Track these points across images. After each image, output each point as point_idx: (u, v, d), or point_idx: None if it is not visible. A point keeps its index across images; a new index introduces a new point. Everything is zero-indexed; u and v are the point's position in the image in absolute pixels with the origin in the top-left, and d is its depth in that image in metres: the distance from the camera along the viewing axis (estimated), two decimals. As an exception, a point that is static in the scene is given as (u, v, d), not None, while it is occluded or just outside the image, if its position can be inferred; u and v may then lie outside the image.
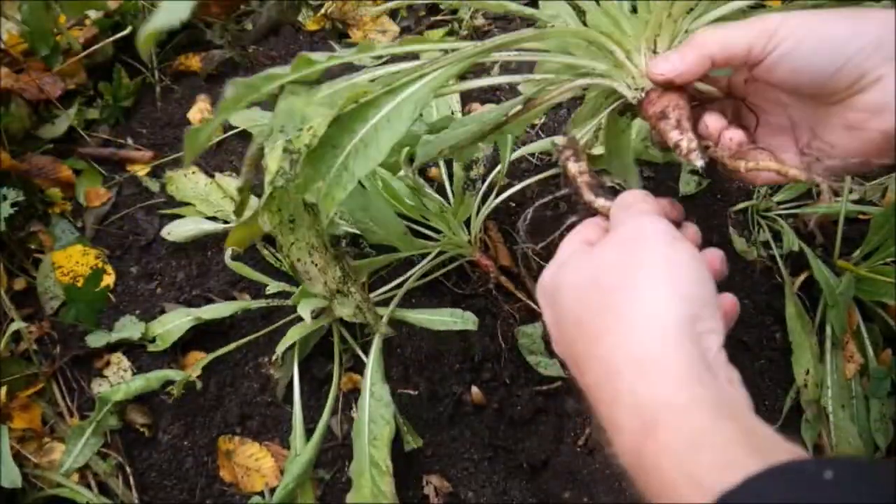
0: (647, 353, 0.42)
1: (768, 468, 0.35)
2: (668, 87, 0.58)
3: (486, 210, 1.03)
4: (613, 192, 0.58)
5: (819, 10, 0.53)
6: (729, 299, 0.50)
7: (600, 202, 0.58)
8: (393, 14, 1.48)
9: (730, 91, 0.61)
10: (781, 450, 0.37)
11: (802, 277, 1.08)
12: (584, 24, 0.68)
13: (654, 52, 0.61)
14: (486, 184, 1.06)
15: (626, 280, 0.46)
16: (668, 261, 0.46)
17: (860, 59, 0.49)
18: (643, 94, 0.60)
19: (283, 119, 0.61)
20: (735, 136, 0.56)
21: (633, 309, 0.44)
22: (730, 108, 0.61)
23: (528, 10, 0.72)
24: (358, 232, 0.97)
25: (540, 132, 1.22)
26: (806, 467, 0.35)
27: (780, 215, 1.14)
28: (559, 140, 0.63)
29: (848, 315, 1.02)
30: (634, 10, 0.66)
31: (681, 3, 0.61)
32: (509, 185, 1.07)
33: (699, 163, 0.55)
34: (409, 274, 1.00)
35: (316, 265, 0.71)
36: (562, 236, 0.60)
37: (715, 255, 0.51)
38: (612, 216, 0.55)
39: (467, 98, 1.27)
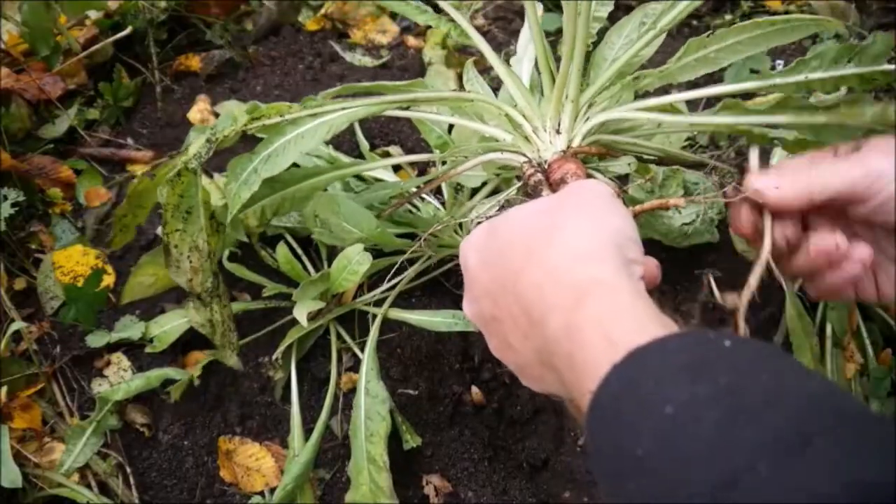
0: (585, 250, 0.48)
1: (674, 333, 0.40)
2: (572, 157, 0.66)
3: (482, 210, 1.02)
4: None
5: None
6: (652, 261, 0.54)
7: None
8: (393, 14, 1.48)
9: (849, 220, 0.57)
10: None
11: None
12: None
13: (558, 131, 0.69)
14: (481, 183, 1.06)
15: (567, 210, 0.52)
16: (604, 203, 0.52)
17: None
18: (546, 165, 0.66)
19: (219, 120, 0.72)
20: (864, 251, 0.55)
21: (572, 227, 0.49)
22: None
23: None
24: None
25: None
26: (708, 336, 0.39)
27: (780, 215, 1.14)
28: None
29: (848, 315, 1.02)
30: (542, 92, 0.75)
31: (575, 87, 0.69)
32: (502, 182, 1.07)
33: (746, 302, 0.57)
34: (404, 275, 1.00)
35: (190, 262, 0.75)
36: None
37: (650, 261, 0.55)
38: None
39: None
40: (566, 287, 0.46)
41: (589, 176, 0.65)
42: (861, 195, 0.51)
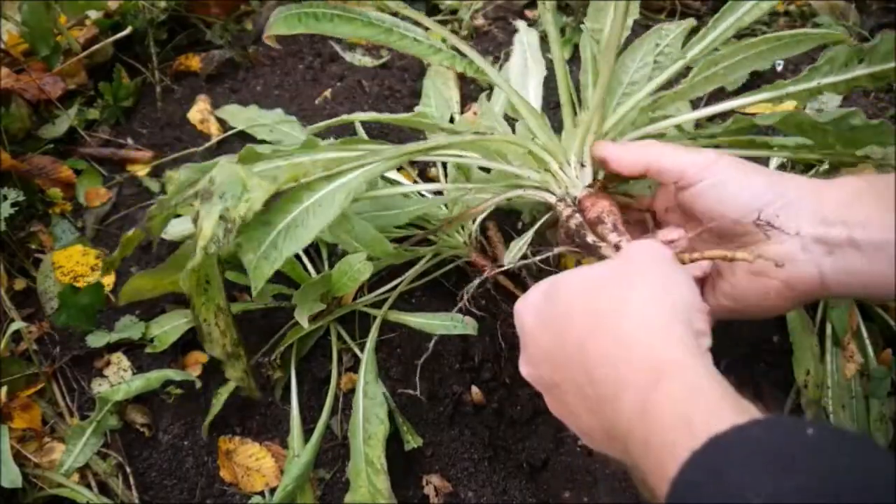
0: (656, 324, 0.47)
1: (754, 420, 0.39)
2: (601, 191, 0.67)
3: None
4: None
5: (746, 161, 0.60)
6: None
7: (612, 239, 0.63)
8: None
9: (650, 210, 0.70)
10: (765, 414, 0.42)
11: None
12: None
13: (581, 165, 0.69)
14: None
15: (632, 278, 0.51)
16: (668, 269, 0.52)
17: (774, 209, 0.55)
18: (576, 203, 0.67)
19: (224, 185, 0.64)
20: (681, 234, 0.63)
21: (640, 298, 0.49)
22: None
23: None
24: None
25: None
26: (789, 422, 0.39)
27: (780, 215, 1.14)
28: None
29: (848, 315, 1.02)
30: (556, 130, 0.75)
31: (598, 120, 0.69)
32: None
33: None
34: (405, 275, 1.01)
35: (219, 327, 0.74)
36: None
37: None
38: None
39: (467, 99, 1.27)
40: (640, 364, 0.45)
41: (623, 212, 0.66)
42: (688, 178, 0.59)
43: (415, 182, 1.10)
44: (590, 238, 0.62)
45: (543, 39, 1.16)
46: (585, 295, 0.52)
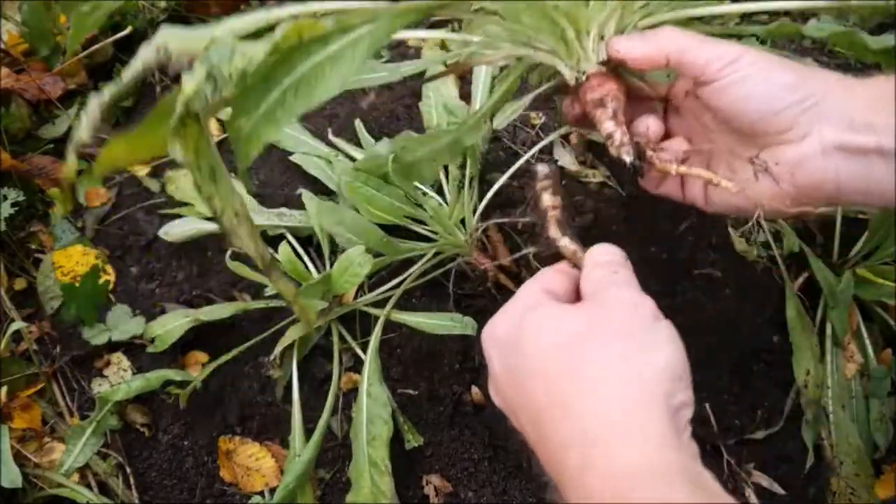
0: (626, 421, 0.42)
1: None
2: (612, 72, 0.60)
3: (481, 209, 1.03)
4: (576, 234, 0.60)
5: (774, 54, 0.56)
6: None
7: (565, 243, 0.59)
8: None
9: (665, 101, 0.64)
10: None
11: (803, 278, 1.08)
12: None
13: (601, 37, 0.61)
14: (483, 183, 1.06)
15: (605, 353, 0.46)
16: (647, 342, 0.46)
17: (796, 111, 0.52)
18: (584, 78, 0.59)
19: (211, 53, 0.52)
20: (675, 145, 0.60)
21: (611, 380, 0.44)
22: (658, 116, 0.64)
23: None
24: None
25: (540, 132, 1.22)
26: None
27: (780, 215, 1.14)
28: (541, 168, 0.62)
29: (848, 315, 1.02)
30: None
31: None
32: (510, 185, 1.07)
33: (627, 158, 0.56)
34: (406, 274, 1.01)
35: (242, 227, 0.61)
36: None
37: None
38: (585, 275, 0.55)
39: (467, 98, 1.27)
40: (602, 475, 0.41)
41: (633, 98, 0.60)
42: (710, 74, 0.54)
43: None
44: (551, 232, 0.60)
45: None
46: (554, 356, 0.47)
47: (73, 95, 1.27)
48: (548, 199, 0.60)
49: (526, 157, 1.09)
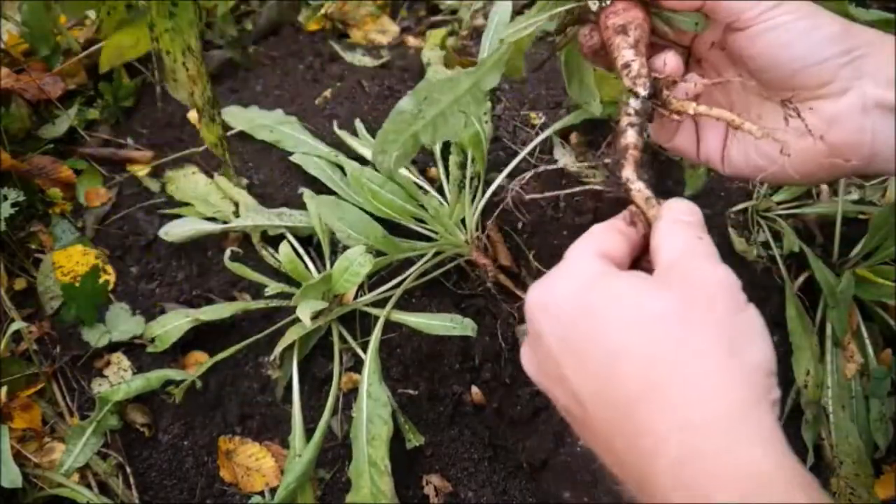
0: (740, 417, 0.38)
1: None
2: (639, 1, 0.55)
3: (480, 208, 1.03)
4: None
5: (817, 5, 0.52)
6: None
7: (639, 187, 0.49)
8: (393, 14, 1.48)
9: (689, 49, 0.58)
10: None
11: (803, 278, 1.08)
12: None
13: None
14: (483, 183, 1.06)
15: (706, 342, 0.40)
16: (746, 332, 0.41)
17: (837, 64, 0.49)
18: (608, 2, 0.55)
19: None
20: (697, 80, 0.54)
21: (716, 373, 0.39)
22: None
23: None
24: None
25: (540, 132, 1.22)
26: None
27: (779, 215, 1.14)
28: (633, 103, 0.52)
29: (848, 315, 1.02)
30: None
31: None
32: (508, 185, 1.07)
33: (642, 91, 0.51)
34: (406, 274, 1.01)
35: (187, 69, 0.62)
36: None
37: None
38: (661, 235, 0.46)
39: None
40: (711, 471, 0.36)
41: (654, 42, 0.55)
42: (746, 20, 0.50)
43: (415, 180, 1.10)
44: (626, 172, 0.50)
45: None
46: (645, 336, 0.40)
47: (73, 95, 1.27)
48: (632, 136, 0.51)
49: (523, 154, 1.09)
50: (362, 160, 1.10)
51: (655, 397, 0.39)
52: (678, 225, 0.46)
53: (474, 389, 1.00)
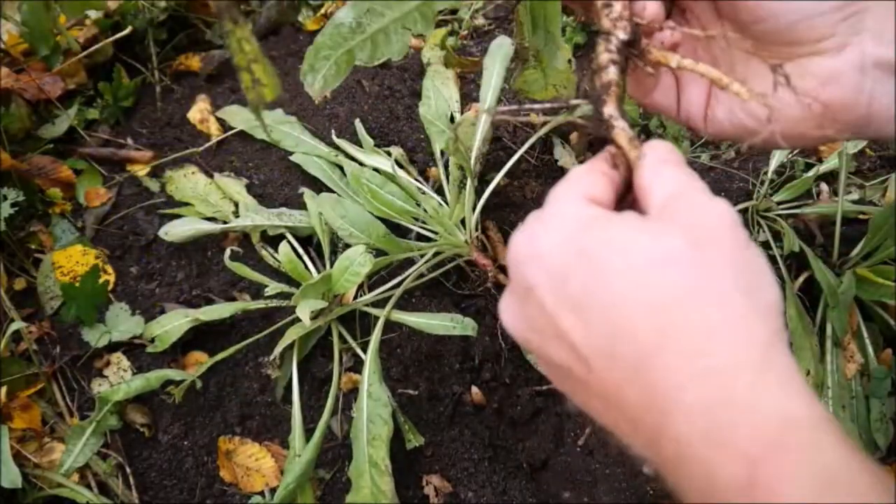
0: (763, 359, 0.35)
1: None
2: None
3: (479, 208, 1.03)
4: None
5: None
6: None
7: (622, 125, 0.45)
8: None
9: (670, 1, 0.52)
10: None
11: (803, 278, 1.08)
12: None
13: None
14: (482, 183, 1.06)
15: (721, 282, 0.37)
16: (756, 271, 0.39)
17: (837, 17, 0.44)
18: None
19: None
20: (674, 27, 0.48)
21: (735, 315, 0.36)
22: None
23: None
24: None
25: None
26: None
27: (779, 215, 1.14)
28: (617, 37, 0.46)
29: (848, 315, 1.02)
30: None
31: None
32: (508, 185, 1.07)
33: (622, 35, 0.46)
34: (406, 274, 1.01)
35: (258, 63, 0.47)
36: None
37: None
38: (649, 175, 0.43)
39: (467, 98, 1.27)
40: (749, 421, 0.34)
41: None
42: None
43: (415, 180, 1.10)
44: (608, 109, 0.46)
45: None
46: (656, 281, 0.37)
47: (73, 95, 1.27)
48: (614, 73, 0.46)
49: (520, 152, 1.09)
50: (361, 164, 1.10)
51: (671, 345, 0.36)
52: (666, 164, 0.43)
53: (474, 389, 1.00)
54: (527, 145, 1.11)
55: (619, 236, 0.39)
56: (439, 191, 1.09)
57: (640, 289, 0.37)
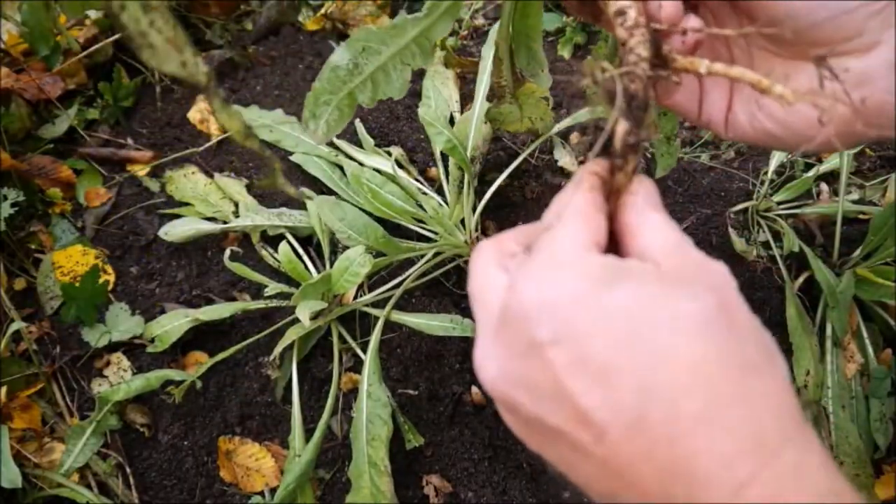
0: (796, 429, 0.34)
1: None
2: None
3: (480, 209, 1.03)
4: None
5: None
6: None
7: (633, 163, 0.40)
8: (393, 13, 1.47)
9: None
10: None
11: (803, 278, 1.08)
12: None
13: None
14: (483, 183, 1.06)
15: (745, 351, 0.34)
16: (765, 335, 0.36)
17: (866, 13, 0.41)
18: None
19: None
20: (696, 23, 0.44)
21: (768, 384, 0.34)
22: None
23: None
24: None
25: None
26: None
27: (780, 215, 1.14)
28: (642, 47, 0.41)
29: (848, 315, 1.02)
30: None
31: None
32: (508, 185, 1.07)
33: (643, 52, 0.41)
34: (406, 274, 1.01)
35: (159, 31, 0.43)
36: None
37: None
38: (643, 214, 0.40)
39: (467, 98, 1.27)
40: (790, 486, 0.32)
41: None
42: None
43: (416, 180, 1.10)
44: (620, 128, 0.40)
45: None
46: (693, 351, 0.33)
47: (73, 95, 1.27)
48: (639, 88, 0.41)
49: (524, 155, 1.09)
50: (361, 165, 1.10)
51: (717, 418, 0.32)
52: (660, 210, 0.40)
53: (474, 389, 1.00)
54: (530, 149, 1.11)
55: (648, 293, 0.35)
56: (439, 191, 1.09)
57: (682, 352, 0.33)
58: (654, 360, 0.33)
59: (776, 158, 1.19)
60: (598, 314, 0.34)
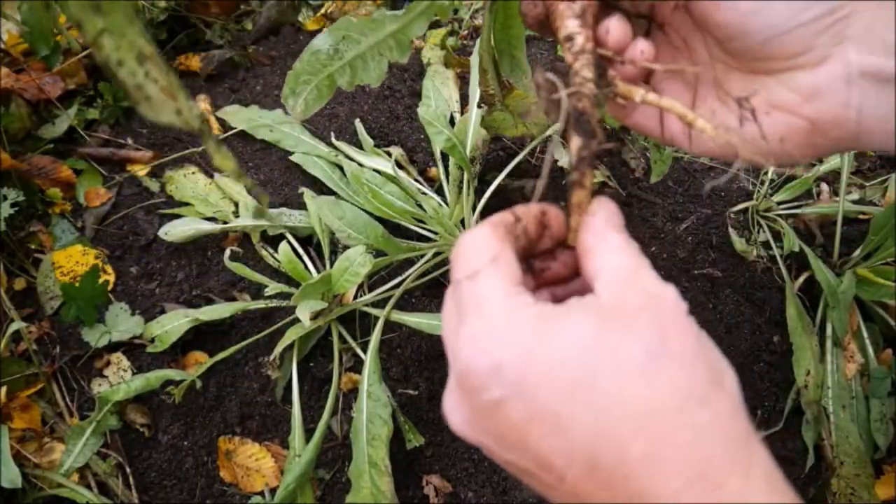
0: (745, 458, 0.35)
1: None
2: None
3: (480, 209, 1.03)
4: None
5: None
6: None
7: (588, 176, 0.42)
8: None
9: (647, 16, 0.50)
10: None
11: (803, 278, 1.08)
12: None
13: None
14: (483, 183, 1.06)
15: (692, 380, 0.36)
16: (712, 355, 0.38)
17: (816, 28, 0.42)
18: None
19: None
20: (645, 48, 0.45)
21: (720, 416, 0.35)
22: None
23: None
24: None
25: (540, 132, 1.22)
26: None
27: (780, 215, 1.14)
28: (585, 70, 0.42)
29: (848, 315, 1.02)
30: None
31: None
32: (508, 185, 1.07)
33: (587, 74, 0.42)
34: (406, 274, 1.01)
35: (155, 81, 0.44)
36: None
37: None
38: (592, 232, 0.41)
39: (467, 98, 1.27)
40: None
41: (609, 10, 0.46)
42: None
43: (415, 180, 1.10)
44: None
45: None
46: (635, 392, 0.35)
47: (73, 95, 1.27)
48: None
49: (523, 154, 1.09)
50: (361, 165, 1.10)
51: (664, 454, 0.34)
52: (619, 231, 0.41)
53: (474, 389, 1.00)
54: (529, 148, 1.11)
55: (585, 337, 0.36)
56: (439, 191, 1.09)
57: (626, 395, 0.35)
58: (600, 405, 0.35)
59: (776, 158, 1.19)
60: (541, 367, 0.36)
